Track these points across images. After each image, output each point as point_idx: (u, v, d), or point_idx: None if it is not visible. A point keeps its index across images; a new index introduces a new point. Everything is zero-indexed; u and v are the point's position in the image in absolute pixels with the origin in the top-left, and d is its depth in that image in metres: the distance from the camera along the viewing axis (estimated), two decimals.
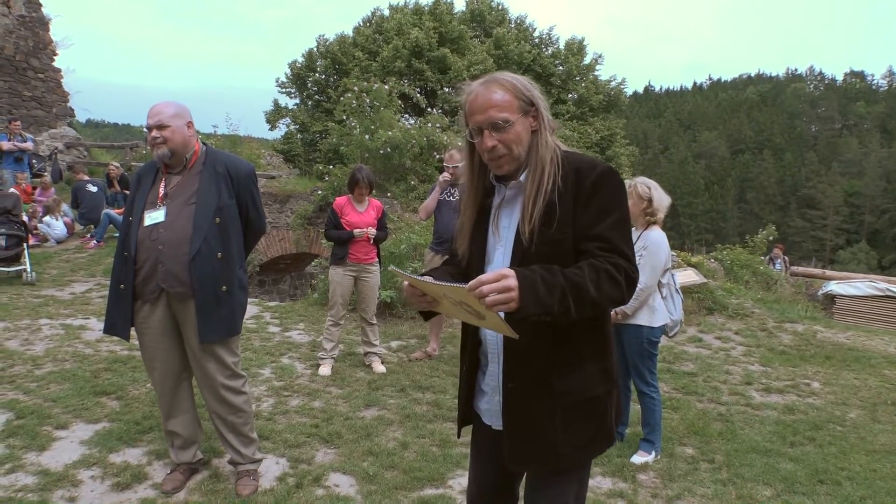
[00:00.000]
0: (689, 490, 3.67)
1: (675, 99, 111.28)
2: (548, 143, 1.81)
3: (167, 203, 3.17)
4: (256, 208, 3.41)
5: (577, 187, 1.76)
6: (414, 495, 3.41)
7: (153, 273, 3.12)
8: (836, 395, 5.70)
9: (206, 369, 3.25)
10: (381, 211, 5.68)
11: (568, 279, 1.63)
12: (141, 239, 3.14)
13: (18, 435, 3.83)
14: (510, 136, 1.78)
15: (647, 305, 3.99)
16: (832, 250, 62.32)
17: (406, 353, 6.34)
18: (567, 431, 1.81)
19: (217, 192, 3.19)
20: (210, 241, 3.12)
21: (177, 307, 3.18)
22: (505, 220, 1.89)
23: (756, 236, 13.48)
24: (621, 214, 1.78)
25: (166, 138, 3.13)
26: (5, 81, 14.76)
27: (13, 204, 8.91)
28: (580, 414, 1.83)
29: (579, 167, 1.79)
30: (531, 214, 1.76)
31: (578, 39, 31.11)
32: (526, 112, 1.80)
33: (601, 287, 1.65)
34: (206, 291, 3.12)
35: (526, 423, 1.84)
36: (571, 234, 1.76)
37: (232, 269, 3.22)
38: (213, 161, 3.26)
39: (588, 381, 1.82)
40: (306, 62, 31.72)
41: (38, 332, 6.09)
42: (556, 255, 1.75)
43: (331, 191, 10.78)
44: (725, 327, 7.95)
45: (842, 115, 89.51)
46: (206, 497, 3.28)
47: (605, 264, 1.68)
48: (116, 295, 3.21)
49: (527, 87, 1.82)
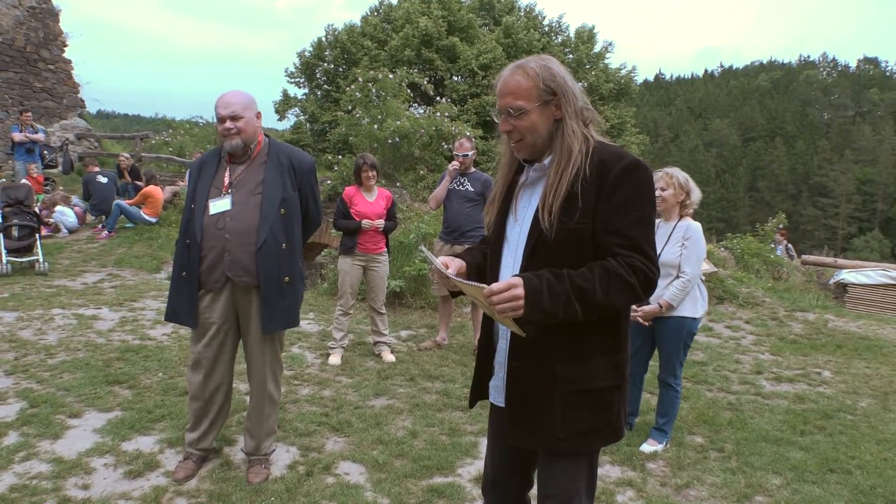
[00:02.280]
0: (698, 479, 3.67)
1: (685, 87, 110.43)
2: (574, 133, 1.78)
3: (233, 192, 3.18)
4: (316, 201, 3.46)
5: (600, 179, 1.74)
6: (423, 483, 3.43)
7: (219, 262, 3.13)
8: (847, 384, 5.67)
9: (263, 360, 3.31)
10: (390, 201, 5.68)
11: (575, 285, 1.67)
12: (206, 227, 3.15)
13: (32, 423, 3.87)
14: (524, 123, 1.80)
15: (690, 296, 3.94)
16: (844, 238, 61.85)
17: (415, 342, 6.36)
18: (565, 417, 1.81)
19: (282, 184, 3.21)
20: (276, 232, 3.15)
21: (240, 297, 3.21)
22: (525, 200, 1.90)
23: (766, 225, 13.39)
24: (645, 210, 1.76)
25: (240, 129, 3.14)
26: (16, 73, 14.84)
27: (25, 195, 8.98)
28: (582, 403, 1.82)
29: (605, 158, 1.76)
30: (551, 204, 1.75)
31: (588, 28, 30.96)
32: (546, 101, 1.79)
33: (610, 292, 1.68)
34: (272, 282, 3.15)
35: (525, 402, 1.86)
36: (591, 226, 1.74)
37: (295, 260, 3.27)
38: (277, 152, 3.29)
39: (594, 373, 1.81)
40: (315, 52, 31.68)
41: (51, 321, 6.15)
42: (572, 245, 1.76)
43: (340, 180, 10.80)
44: (736, 316, 7.93)
45: (855, 103, 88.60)
46: (218, 485, 3.30)
47: (619, 267, 1.69)
48: (179, 282, 3.23)
49: (552, 76, 1.79)
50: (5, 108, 14.58)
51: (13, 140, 12.40)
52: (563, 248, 1.76)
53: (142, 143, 16.37)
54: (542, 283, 1.66)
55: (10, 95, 14.74)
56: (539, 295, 1.64)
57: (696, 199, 4.03)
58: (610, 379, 1.84)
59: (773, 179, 72.77)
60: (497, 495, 2.15)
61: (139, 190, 11.58)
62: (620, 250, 1.71)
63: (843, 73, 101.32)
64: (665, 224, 4.05)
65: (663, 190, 3.97)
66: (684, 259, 3.87)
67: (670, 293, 3.89)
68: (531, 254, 1.82)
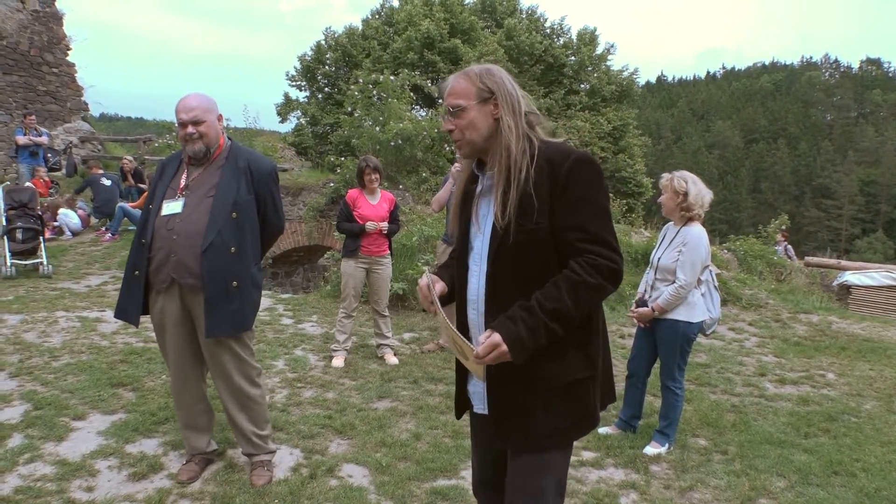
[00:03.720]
0: (701, 481, 3.66)
1: (688, 88, 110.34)
2: (511, 131, 1.83)
3: (186, 194, 3.18)
4: (275, 207, 3.40)
5: (551, 178, 1.79)
6: (427, 486, 3.43)
7: (165, 262, 3.13)
8: (851, 386, 5.66)
9: (219, 362, 3.28)
10: (393, 203, 5.69)
11: (547, 311, 1.73)
12: (157, 228, 3.15)
13: (36, 426, 3.88)
14: (462, 121, 1.88)
15: (686, 301, 3.92)
16: (848, 240, 61.73)
17: (418, 344, 6.36)
18: (548, 414, 1.87)
19: (236, 187, 3.18)
20: (224, 235, 3.12)
21: (189, 299, 3.19)
22: (484, 208, 1.96)
23: (769, 226, 13.37)
24: (599, 202, 1.81)
25: (202, 133, 3.13)
26: (20, 76, 14.87)
27: (29, 198, 9.01)
28: (562, 398, 1.87)
29: (552, 157, 1.82)
30: (503, 206, 1.81)
31: (590, 29, 30.86)
32: (485, 100, 1.86)
33: (579, 300, 1.75)
34: (216, 285, 3.11)
35: (508, 407, 1.91)
36: (548, 225, 1.79)
37: (245, 264, 3.20)
38: (236, 156, 3.26)
39: (569, 367, 1.86)
40: (315, 55, 31.70)
41: (55, 324, 6.16)
42: (533, 246, 1.81)
43: (343, 183, 10.81)
44: (739, 318, 7.92)
45: (857, 104, 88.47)
46: (222, 487, 3.31)
47: (582, 273, 1.74)
48: (130, 281, 3.23)
49: (490, 76, 1.88)
50: (9, 111, 14.61)
51: (17, 143, 12.42)
52: (524, 249, 1.81)
53: (145, 145, 16.41)
54: (519, 326, 1.73)
55: (14, 99, 14.77)
56: (519, 340, 1.72)
57: (703, 201, 3.96)
58: (584, 370, 1.89)
59: (775, 181, 72.66)
60: (487, 496, 2.20)
61: (142, 193, 11.60)
62: (583, 244, 1.77)
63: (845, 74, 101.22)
64: (672, 228, 4.05)
65: (661, 195, 4.00)
66: (679, 265, 3.86)
67: (664, 298, 3.90)
68: (494, 259, 1.87)
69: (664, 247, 4.03)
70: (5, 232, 8.51)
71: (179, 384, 3.36)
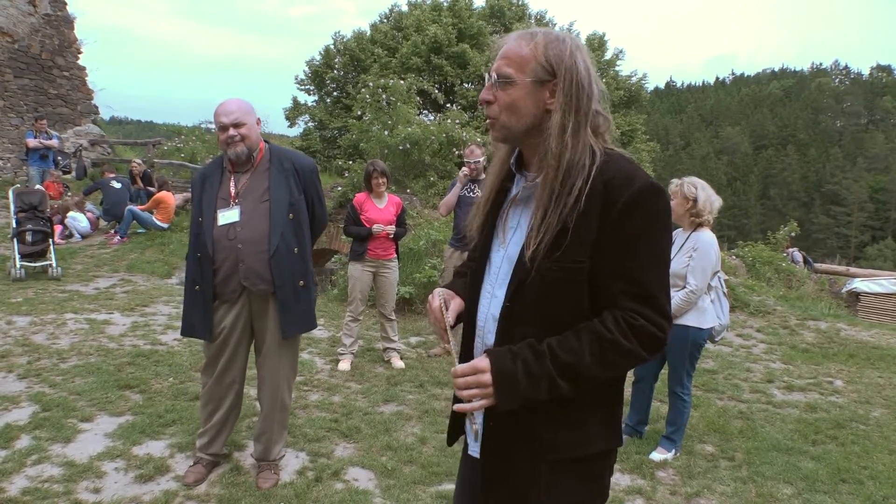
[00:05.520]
0: (708, 487, 3.65)
1: (696, 94, 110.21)
2: (565, 132, 1.40)
3: (240, 201, 3.19)
4: (321, 201, 3.48)
5: (604, 206, 1.37)
6: (432, 490, 3.43)
7: (234, 272, 3.15)
8: (859, 393, 5.62)
9: (279, 365, 3.33)
10: (400, 207, 5.70)
11: (559, 363, 1.36)
12: (217, 238, 3.16)
13: (44, 427, 3.90)
14: (503, 97, 1.45)
15: (696, 307, 3.92)
16: (857, 247, 61.36)
17: (425, 348, 6.36)
18: (552, 490, 1.48)
19: (288, 189, 3.23)
20: (286, 237, 3.17)
21: (256, 305, 3.23)
22: (513, 219, 1.55)
23: (777, 233, 13.32)
24: (658, 246, 1.42)
25: (244, 136, 3.15)
26: (31, 80, 14.99)
27: (39, 200, 9.06)
28: (571, 474, 1.49)
29: (610, 179, 1.38)
30: (538, 234, 1.40)
31: (599, 35, 30.93)
32: (541, 81, 1.42)
33: (603, 362, 1.37)
34: (287, 287, 3.17)
35: (505, 471, 1.52)
36: (589, 263, 1.39)
37: (307, 263, 3.30)
38: (279, 158, 3.30)
39: (586, 437, 1.48)
40: (324, 60, 31.84)
41: (64, 326, 6.19)
42: (565, 286, 1.41)
43: (350, 187, 10.83)
44: (747, 325, 7.88)
45: (868, 110, 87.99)
46: (228, 489, 3.32)
47: (615, 331, 1.37)
48: (193, 296, 3.24)
49: (558, 55, 1.42)
50: (20, 114, 14.74)
51: (28, 146, 12.52)
52: (554, 290, 1.41)
53: (154, 149, 16.49)
54: (517, 365, 1.37)
55: (26, 102, 14.89)
56: (512, 380, 1.36)
57: (712, 208, 3.96)
58: (603, 442, 1.51)
59: (784, 187, 72.37)
60: None
61: (151, 196, 11.66)
62: (626, 301, 1.39)
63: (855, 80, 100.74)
64: (682, 234, 4.04)
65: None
66: (690, 270, 3.85)
67: (674, 303, 3.87)
68: (514, 294, 1.46)
69: (674, 252, 4.02)
70: (15, 234, 8.56)
71: (224, 389, 3.38)
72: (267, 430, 3.44)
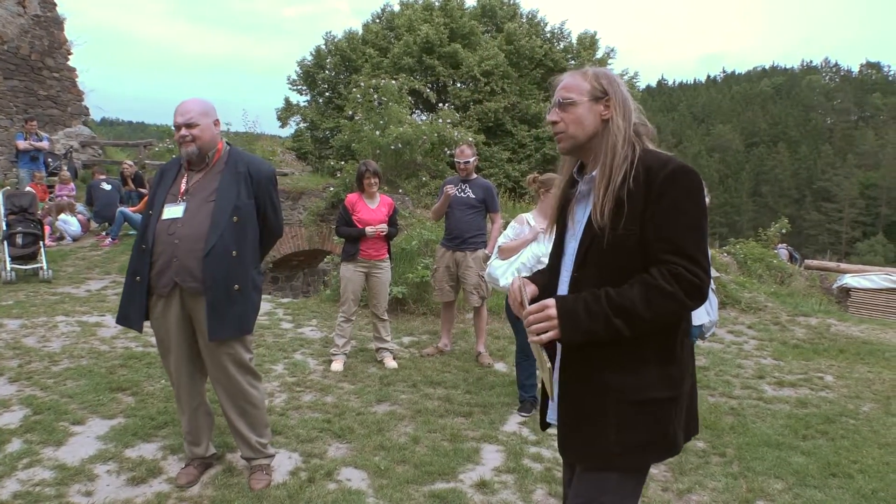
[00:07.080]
0: (699, 483, 3.67)
1: (688, 92, 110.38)
2: (620, 132, 1.80)
3: (187, 199, 3.21)
4: (275, 211, 3.44)
5: (647, 185, 1.73)
6: (425, 489, 3.44)
7: (167, 267, 3.15)
8: (849, 388, 5.66)
9: (219, 365, 3.29)
10: (392, 207, 5.70)
11: (614, 304, 1.68)
12: (158, 232, 3.18)
13: (36, 430, 3.89)
14: (569, 115, 1.86)
15: None
16: (848, 243, 61.72)
17: (417, 348, 6.37)
18: (620, 431, 1.76)
19: (236, 192, 3.22)
20: (226, 239, 3.15)
21: (190, 303, 3.21)
22: (579, 213, 1.93)
23: (769, 230, 13.37)
24: (693, 215, 1.73)
25: (195, 136, 3.16)
26: (21, 81, 14.91)
27: (29, 202, 9.03)
28: (636, 414, 1.76)
29: (650, 165, 1.76)
30: (602, 206, 1.75)
31: (591, 34, 30.93)
32: (597, 98, 1.84)
33: (651, 304, 1.67)
34: (219, 289, 3.14)
35: (578, 417, 1.82)
36: (639, 233, 1.73)
37: (246, 268, 3.24)
38: (236, 161, 3.30)
39: (647, 383, 1.76)
40: (315, 60, 31.79)
41: (55, 328, 6.17)
42: (621, 252, 1.75)
43: (343, 187, 10.82)
44: (738, 321, 7.93)
45: (858, 107, 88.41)
46: (220, 491, 3.32)
47: (659, 278, 1.68)
48: (131, 286, 3.25)
49: (608, 79, 1.87)
50: (10, 115, 14.65)
51: (17, 148, 12.46)
52: (612, 255, 1.76)
53: (146, 150, 16.44)
54: (578, 304, 1.71)
55: (15, 103, 14.81)
56: (574, 315, 1.69)
57: None
58: (664, 390, 1.77)
59: (776, 184, 72.70)
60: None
61: (143, 197, 11.63)
62: (665, 255, 1.70)
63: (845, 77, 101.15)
64: None
65: None
66: None
67: None
68: (581, 263, 1.83)
69: None
70: (5, 237, 8.53)
71: (180, 389, 3.38)
72: (236, 428, 3.41)
